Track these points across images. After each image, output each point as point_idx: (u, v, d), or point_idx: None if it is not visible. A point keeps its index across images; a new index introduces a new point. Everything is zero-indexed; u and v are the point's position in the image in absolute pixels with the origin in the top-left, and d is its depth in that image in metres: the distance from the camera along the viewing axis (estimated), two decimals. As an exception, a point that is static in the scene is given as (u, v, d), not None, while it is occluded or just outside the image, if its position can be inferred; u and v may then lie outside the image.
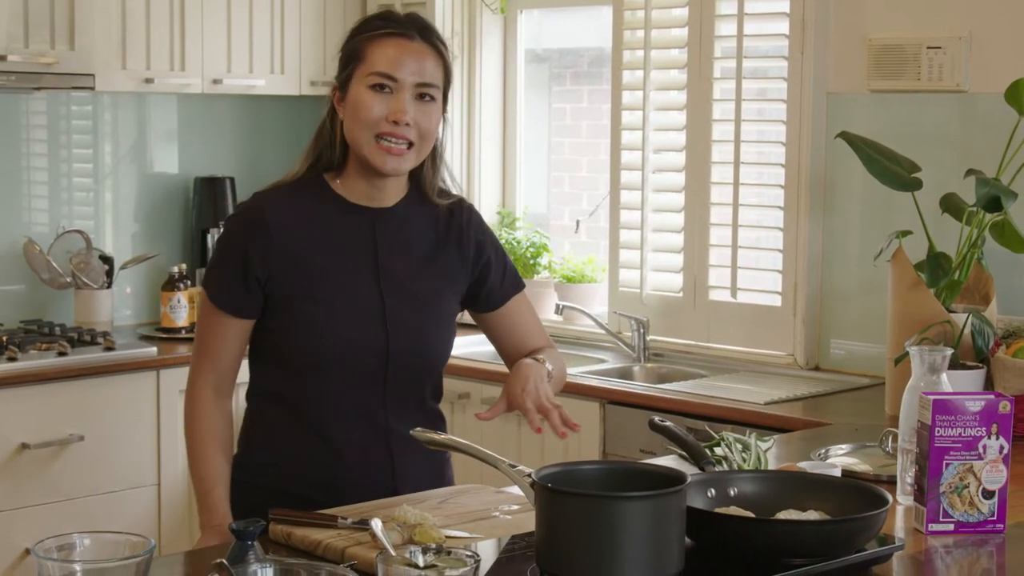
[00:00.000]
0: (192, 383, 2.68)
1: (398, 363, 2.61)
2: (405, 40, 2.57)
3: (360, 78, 2.57)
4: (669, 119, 4.57)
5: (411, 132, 2.55)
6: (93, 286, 4.79)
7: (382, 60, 2.55)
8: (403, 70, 2.54)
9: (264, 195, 2.65)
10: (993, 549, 2.39)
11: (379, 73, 2.54)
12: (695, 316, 4.51)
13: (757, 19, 4.36)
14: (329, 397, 2.59)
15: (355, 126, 2.57)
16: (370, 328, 2.58)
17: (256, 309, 2.61)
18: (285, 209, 2.60)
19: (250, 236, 2.58)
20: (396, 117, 2.53)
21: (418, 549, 1.93)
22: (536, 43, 5.25)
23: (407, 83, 2.55)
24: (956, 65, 3.94)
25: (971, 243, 3.56)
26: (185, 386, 2.72)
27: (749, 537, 2.13)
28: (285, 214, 2.59)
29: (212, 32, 4.87)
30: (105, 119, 4.99)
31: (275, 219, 2.58)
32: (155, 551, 1.87)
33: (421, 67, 2.56)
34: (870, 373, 4.10)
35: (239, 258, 2.58)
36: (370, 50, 2.57)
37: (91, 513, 4.28)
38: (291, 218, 2.59)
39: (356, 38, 2.61)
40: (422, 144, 2.58)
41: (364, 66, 2.57)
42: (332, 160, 2.65)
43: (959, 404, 2.39)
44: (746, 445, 2.78)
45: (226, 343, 2.63)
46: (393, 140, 2.54)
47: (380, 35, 2.58)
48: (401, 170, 2.59)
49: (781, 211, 4.30)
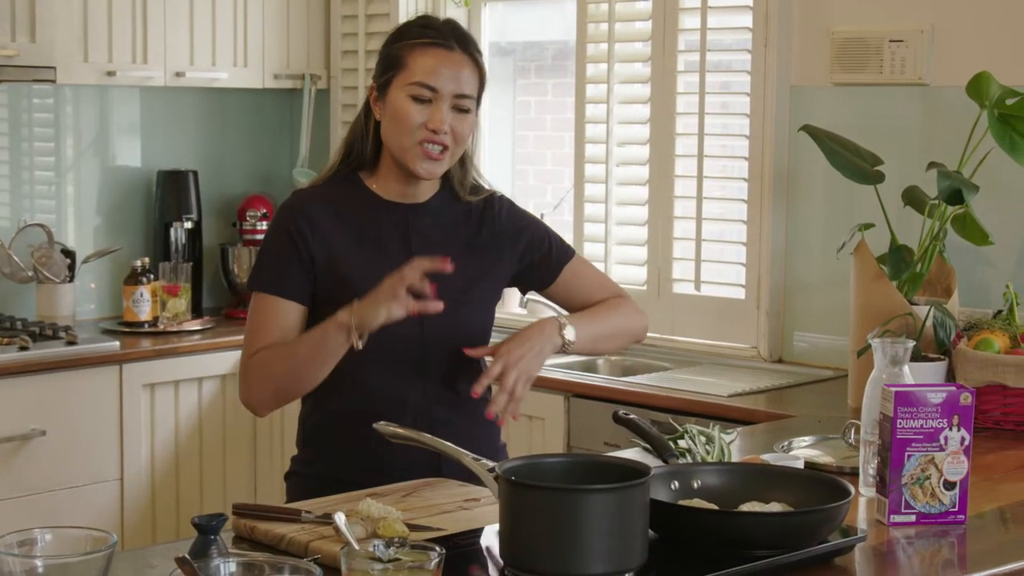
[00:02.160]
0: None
1: (435, 351, 2.71)
2: (444, 51, 2.68)
3: (400, 86, 2.67)
4: (633, 112, 4.57)
5: (447, 138, 2.67)
6: (55, 280, 4.77)
7: (422, 70, 2.66)
8: (442, 80, 2.66)
9: (303, 193, 2.78)
10: (954, 540, 2.40)
11: (419, 83, 2.65)
12: (659, 309, 4.51)
13: (720, 12, 4.37)
14: (371, 388, 2.68)
15: (395, 132, 2.68)
16: (407, 320, 2.63)
17: (309, 295, 2.69)
18: (323, 206, 2.72)
19: (296, 226, 2.69)
20: (435, 126, 2.65)
21: (382, 542, 1.93)
22: (500, 36, 5.24)
23: (446, 93, 2.66)
24: (918, 58, 3.95)
25: (933, 236, 3.58)
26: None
27: (712, 529, 2.13)
28: (323, 211, 2.71)
29: (175, 24, 4.85)
30: (67, 112, 4.97)
31: (315, 215, 2.69)
32: (117, 546, 1.86)
33: (459, 78, 2.67)
34: (833, 365, 4.11)
35: (289, 244, 2.68)
36: (411, 58, 2.67)
37: (53, 508, 4.26)
38: (329, 214, 2.71)
39: (396, 44, 2.71)
40: (456, 148, 2.70)
41: (404, 74, 2.67)
42: (363, 155, 2.77)
43: (921, 396, 2.40)
44: (710, 437, 2.78)
45: (286, 332, 2.68)
46: (430, 145, 2.66)
47: (421, 44, 2.68)
48: (436, 173, 2.71)
49: (745, 204, 4.31)
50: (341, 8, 5.23)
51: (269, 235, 2.76)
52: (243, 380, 2.72)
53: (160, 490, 4.58)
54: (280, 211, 2.76)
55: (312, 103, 5.24)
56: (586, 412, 4.02)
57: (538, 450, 4.04)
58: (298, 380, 2.65)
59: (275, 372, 2.65)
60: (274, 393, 2.68)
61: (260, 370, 2.66)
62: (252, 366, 2.68)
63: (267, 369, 2.65)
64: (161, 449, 4.58)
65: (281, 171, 5.43)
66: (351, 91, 5.23)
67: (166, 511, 4.60)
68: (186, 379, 4.62)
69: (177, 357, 4.59)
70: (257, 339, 2.69)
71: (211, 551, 2.05)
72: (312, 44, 5.25)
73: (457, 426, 2.70)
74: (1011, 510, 2.61)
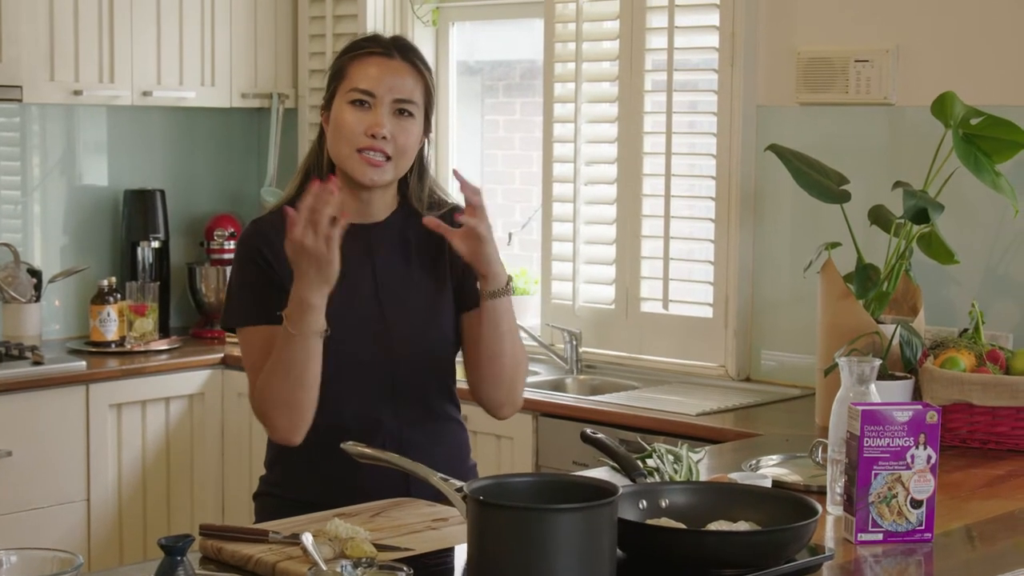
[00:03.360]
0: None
1: (404, 372, 2.69)
2: (385, 59, 2.68)
3: (341, 95, 2.68)
4: (601, 131, 4.58)
5: (388, 146, 2.64)
6: (21, 300, 4.75)
7: (362, 77, 2.66)
8: (381, 86, 2.65)
9: (261, 222, 2.74)
10: (921, 558, 2.41)
11: (358, 89, 2.66)
12: (627, 328, 4.52)
13: (687, 32, 4.38)
14: (341, 411, 2.65)
15: (336, 141, 2.67)
16: (374, 341, 2.65)
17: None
18: (282, 233, 2.60)
19: (260, 254, 2.66)
20: (373, 131, 2.63)
21: (349, 563, 1.93)
22: (468, 55, 5.25)
23: (385, 99, 2.65)
24: (883, 78, 3.98)
25: (899, 254, 3.60)
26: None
27: (680, 548, 2.14)
28: (279, 239, 2.60)
29: (141, 44, 4.84)
30: (33, 131, 4.95)
31: (275, 242, 2.62)
32: (84, 567, 1.85)
33: (399, 83, 2.66)
34: (800, 384, 4.12)
35: (258, 272, 2.66)
36: (351, 68, 2.68)
37: (19, 529, 4.24)
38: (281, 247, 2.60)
39: (340, 58, 2.72)
40: (400, 158, 2.67)
41: (345, 83, 2.68)
42: (321, 178, 2.67)
43: (887, 414, 2.41)
44: (678, 456, 2.79)
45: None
46: (371, 152, 2.63)
47: (362, 54, 2.69)
48: (380, 182, 2.67)
49: (712, 223, 4.33)
50: (309, 27, 5.23)
51: (235, 271, 2.72)
52: (261, 420, 2.63)
53: (127, 511, 4.55)
54: (240, 245, 2.73)
55: (280, 122, 5.24)
56: (554, 431, 4.02)
57: (506, 469, 4.03)
58: (301, 384, 2.55)
59: (278, 393, 2.57)
60: (289, 413, 2.58)
61: (263, 400, 2.59)
62: (257, 401, 2.61)
63: (270, 395, 2.58)
64: (128, 469, 4.55)
65: (249, 190, 5.42)
66: (319, 110, 5.21)
67: (133, 532, 4.58)
68: (153, 399, 4.61)
69: (144, 377, 4.58)
70: (255, 373, 2.62)
71: (178, 572, 2.04)
72: (280, 63, 5.24)
73: (427, 448, 2.69)
74: (978, 528, 2.62)
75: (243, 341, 2.68)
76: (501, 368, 2.70)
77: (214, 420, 4.75)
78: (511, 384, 2.74)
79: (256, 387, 2.61)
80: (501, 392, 2.74)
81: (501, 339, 2.67)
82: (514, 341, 2.71)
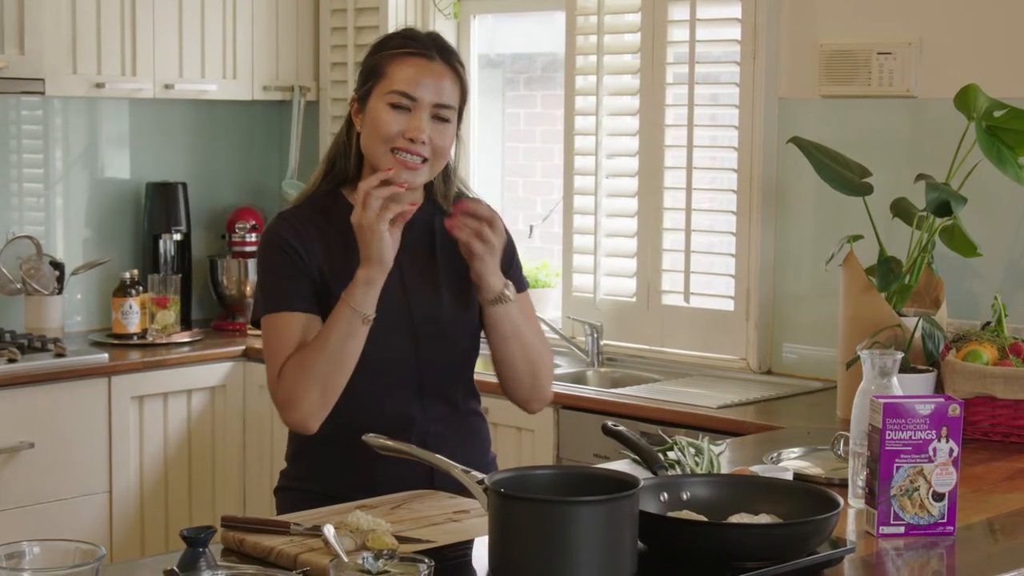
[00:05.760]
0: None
1: (429, 365, 2.70)
2: (425, 60, 2.66)
3: (380, 95, 2.65)
4: (622, 124, 4.58)
5: (426, 149, 2.64)
6: (44, 292, 4.76)
7: (402, 79, 2.63)
8: (421, 90, 2.63)
9: (287, 214, 2.74)
10: (943, 551, 2.40)
11: (398, 92, 2.63)
12: (648, 321, 4.52)
13: (709, 24, 4.37)
14: (366, 404, 2.66)
15: (373, 140, 2.65)
16: (400, 334, 2.65)
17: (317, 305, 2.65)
18: (308, 226, 2.68)
19: (289, 244, 2.66)
20: (413, 135, 2.62)
21: (371, 555, 1.93)
22: (490, 48, 5.25)
23: (425, 103, 2.63)
24: (906, 71, 3.96)
25: (921, 247, 3.58)
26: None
27: (701, 541, 2.13)
28: (309, 231, 2.67)
29: (164, 36, 4.85)
30: (56, 124, 4.96)
31: (302, 234, 2.66)
32: (106, 558, 1.86)
33: (439, 87, 2.65)
34: (822, 377, 4.12)
35: (287, 260, 2.65)
36: (391, 68, 2.65)
37: (41, 521, 4.25)
38: (315, 234, 2.68)
39: (377, 54, 2.70)
40: (436, 160, 2.67)
41: (384, 83, 2.65)
42: (346, 170, 2.74)
43: (909, 407, 2.40)
44: (699, 449, 2.78)
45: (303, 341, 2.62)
46: (408, 155, 2.62)
47: (401, 54, 2.66)
48: (414, 183, 2.66)
49: (734, 216, 4.32)
50: (330, 20, 5.24)
51: (262, 261, 2.71)
52: (284, 399, 2.61)
53: (149, 503, 4.57)
54: (267, 236, 2.72)
55: (301, 115, 5.24)
56: (575, 424, 4.02)
57: (527, 462, 4.04)
58: (339, 366, 2.57)
59: (315, 369, 2.57)
60: (321, 393, 2.57)
61: (298, 376, 2.58)
62: (287, 379, 2.59)
63: (305, 371, 2.57)
64: (150, 461, 4.57)
65: (270, 183, 5.43)
66: (340, 103, 5.23)
67: (155, 524, 4.59)
68: (175, 391, 4.62)
69: (166, 369, 4.59)
70: (278, 358, 2.62)
71: (200, 564, 2.05)
72: (301, 56, 5.25)
73: (451, 441, 2.70)
74: (1000, 521, 2.62)
75: (270, 327, 2.65)
76: (513, 369, 2.74)
77: (235, 412, 4.76)
78: (532, 382, 2.77)
79: (286, 367, 2.59)
80: (523, 390, 2.78)
81: (505, 343, 2.72)
82: (523, 343, 2.73)
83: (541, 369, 2.78)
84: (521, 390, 2.78)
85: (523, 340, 2.73)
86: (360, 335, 2.57)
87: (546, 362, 2.81)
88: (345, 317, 2.56)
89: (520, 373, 2.75)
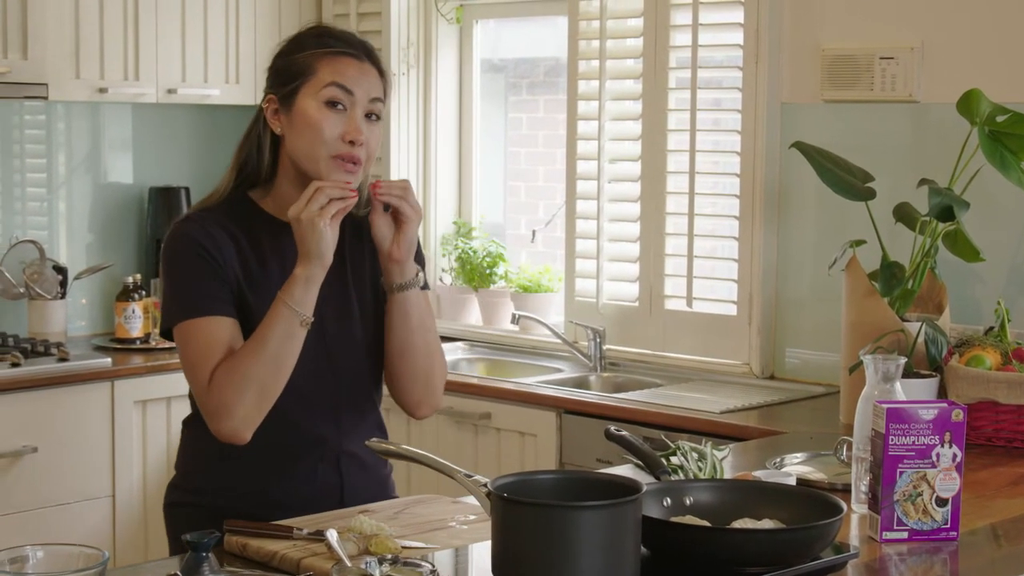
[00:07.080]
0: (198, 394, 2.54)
1: (344, 377, 2.61)
2: (354, 60, 2.58)
3: (311, 92, 2.55)
4: (625, 129, 4.58)
5: (361, 151, 2.55)
6: (47, 296, 4.77)
7: (338, 74, 2.55)
8: (359, 88, 2.55)
9: (195, 217, 2.61)
10: (947, 557, 2.40)
11: (337, 85, 2.54)
12: (651, 325, 4.52)
13: (711, 29, 4.38)
14: (279, 420, 2.53)
15: (307, 143, 2.54)
16: (313, 348, 2.54)
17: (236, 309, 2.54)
18: (218, 230, 2.56)
19: (203, 247, 2.54)
20: (353, 137, 2.53)
21: (374, 560, 1.93)
22: (492, 53, 5.25)
23: (361, 99, 2.55)
24: (909, 75, 3.96)
25: (924, 252, 3.59)
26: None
27: (704, 546, 2.13)
28: (220, 235, 2.55)
29: (166, 41, 4.85)
30: (59, 128, 4.97)
31: (216, 237, 2.55)
32: (109, 563, 1.86)
33: (373, 86, 2.58)
34: (825, 382, 4.12)
35: (202, 264, 2.52)
36: (319, 65, 2.56)
37: (45, 525, 4.25)
38: (227, 239, 2.56)
39: (303, 53, 2.59)
40: (368, 163, 2.58)
41: (315, 80, 2.55)
42: (258, 174, 2.63)
43: (912, 412, 2.40)
44: (702, 454, 2.78)
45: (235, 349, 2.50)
46: (352, 163, 2.54)
47: (332, 53, 2.57)
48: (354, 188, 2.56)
49: (736, 221, 4.32)
50: (333, 25, 5.23)
51: (173, 265, 2.56)
52: (215, 408, 2.47)
53: (152, 507, 4.56)
54: (176, 239, 2.57)
55: (304, 120, 5.23)
56: (578, 428, 4.02)
57: (530, 466, 4.03)
58: (277, 370, 2.45)
59: (251, 374, 2.44)
60: (257, 399, 2.45)
61: (231, 382, 2.44)
62: (218, 386, 2.45)
63: (240, 376, 2.44)
64: (153, 466, 4.57)
65: (273, 187, 5.42)
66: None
67: (158, 528, 4.57)
68: (178, 395, 4.61)
69: (169, 373, 4.58)
70: (206, 364, 2.47)
71: (203, 569, 2.05)
72: (304, 61, 5.24)
73: (361, 456, 2.63)
74: (1003, 527, 2.62)
75: (191, 334, 2.49)
76: (414, 364, 2.63)
77: (238, 417, 4.76)
78: (426, 381, 2.65)
79: (217, 374, 2.45)
80: (417, 390, 2.66)
81: (411, 333, 2.60)
82: (427, 336, 2.62)
83: (436, 367, 2.66)
84: (415, 390, 2.65)
85: (427, 334, 2.62)
86: (299, 337, 2.46)
87: (441, 362, 2.69)
88: (283, 317, 2.44)
89: (418, 370, 2.63)
